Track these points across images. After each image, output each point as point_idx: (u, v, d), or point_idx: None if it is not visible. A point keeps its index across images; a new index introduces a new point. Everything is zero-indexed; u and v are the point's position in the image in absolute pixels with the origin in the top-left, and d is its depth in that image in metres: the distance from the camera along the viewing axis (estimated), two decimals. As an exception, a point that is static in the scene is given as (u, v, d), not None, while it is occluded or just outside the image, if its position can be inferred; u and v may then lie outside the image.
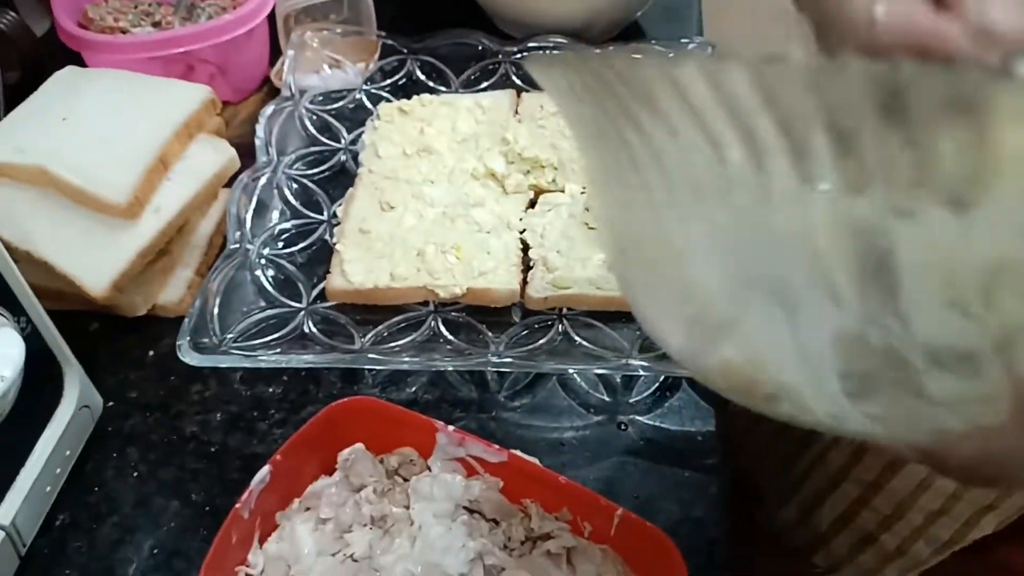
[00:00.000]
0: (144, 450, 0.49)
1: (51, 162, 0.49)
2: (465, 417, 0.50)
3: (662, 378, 0.52)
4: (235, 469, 0.48)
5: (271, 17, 0.69)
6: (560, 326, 0.53)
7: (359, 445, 0.43)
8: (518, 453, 0.42)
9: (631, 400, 0.52)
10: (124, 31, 0.69)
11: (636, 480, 0.48)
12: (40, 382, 0.42)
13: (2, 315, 0.39)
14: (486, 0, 0.76)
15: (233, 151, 0.56)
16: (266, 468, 0.41)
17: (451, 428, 0.42)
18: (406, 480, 0.43)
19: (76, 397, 0.44)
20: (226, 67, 0.66)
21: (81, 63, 0.64)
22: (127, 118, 0.53)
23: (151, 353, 0.53)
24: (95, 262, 0.49)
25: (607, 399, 0.52)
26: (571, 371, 0.51)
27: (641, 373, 0.50)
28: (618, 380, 0.53)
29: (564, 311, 0.54)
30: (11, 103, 0.61)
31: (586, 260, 0.55)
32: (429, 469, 0.43)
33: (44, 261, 0.48)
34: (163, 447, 0.49)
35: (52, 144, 0.51)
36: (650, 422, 0.51)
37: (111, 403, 0.50)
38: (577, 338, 0.52)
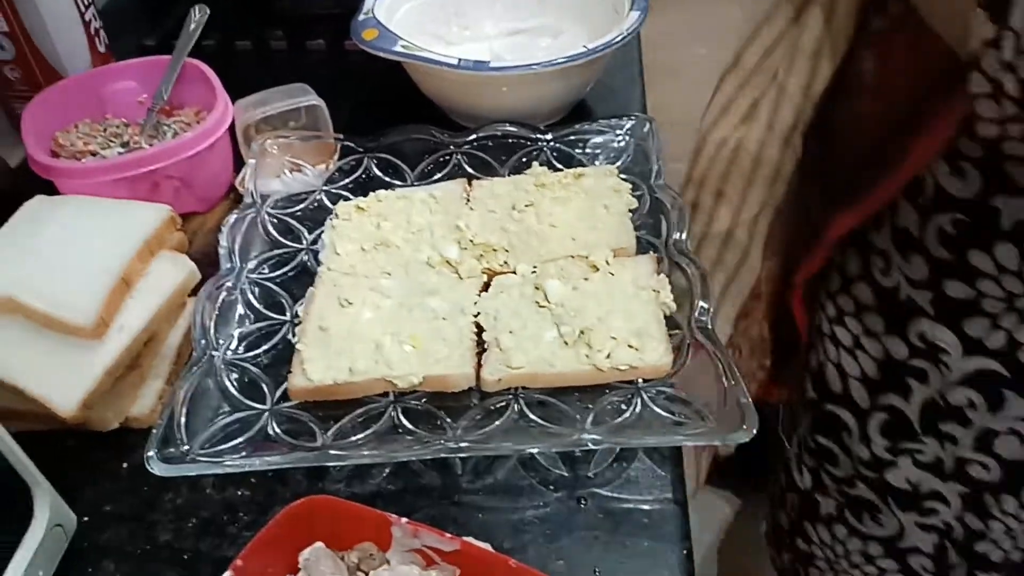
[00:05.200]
0: (120, 562, 0.50)
1: (19, 291, 0.52)
2: (428, 505, 0.52)
3: (619, 449, 0.54)
4: (208, 575, 0.49)
5: (232, 128, 0.73)
6: (516, 406, 0.54)
7: (319, 544, 0.45)
8: (470, 540, 0.44)
9: (589, 474, 0.53)
10: (94, 154, 0.73)
11: (597, 554, 0.49)
12: (9, 505, 0.44)
13: (-34, 448, 0.41)
14: (437, 96, 0.80)
15: (193, 265, 0.59)
16: (228, 573, 0.42)
17: (405, 521, 0.44)
18: (367, 574, 0.45)
19: (47, 517, 0.46)
20: (191, 181, 0.70)
21: (55, 188, 0.67)
22: (91, 242, 0.56)
23: (125, 465, 0.55)
24: (63, 384, 0.51)
25: (566, 474, 0.53)
26: (526, 451, 0.52)
27: (592, 447, 0.51)
28: (577, 453, 0.54)
29: (519, 390, 0.55)
30: (-11, 232, 0.65)
31: (537, 338, 0.57)
32: (388, 563, 0.45)
33: (16, 387, 0.51)
34: (138, 558, 0.50)
35: (20, 273, 0.53)
36: (609, 493, 0.52)
37: (86, 518, 0.52)
38: (532, 416, 0.54)
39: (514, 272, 0.63)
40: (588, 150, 0.73)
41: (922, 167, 0.54)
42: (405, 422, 0.54)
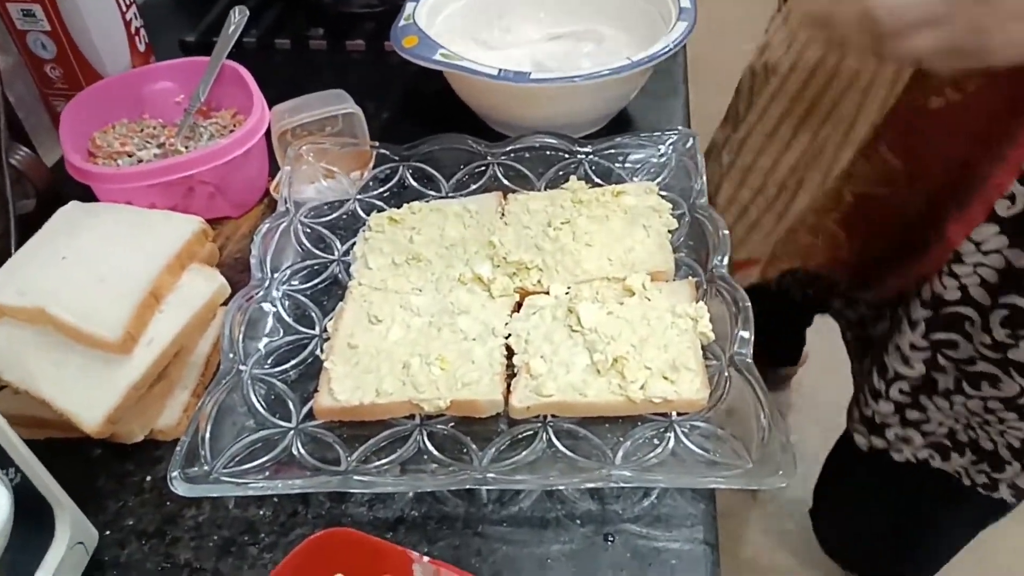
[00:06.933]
0: (139, 580, 0.50)
1: (49, 303, 0.52)
2: (451, 534, 0.50)
3: (649, 484, 0.52)
4: (226, 597, 0.49)
5: (267, 133, 0.72)
6: (544, 435, 0.53)
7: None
8: (492, 582, 0.42)
9: (619, 509, 0.51)
10: (131, 155, 0.73)
11: (623, 596, 0.47)
12: (32, 525, 0.44)
13: (-11, 470, 0.40)
14: (476, 104, 0.78)
15: (223, 280, 0.58)
16: (246, 605, 0.42)
17: (426, 559, 0.43)
18: (386, 609, 0.44)
19: (68, 536, 0.46)
20: (225, 186, 0.69)
21: (90, 189, 0.67)
22: (122, 254, 0.55)
23: (148, 478, 0.55)
24: (90, 398, 0.51)
25: (594, 508, 0.51)
26: (553, 486, 0.51)
27: (622, 485, 0.50)
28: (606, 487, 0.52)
29: (548, 418, 0.54)
30: (26, 231, 0.65)
31: (569, 364, 0.55)
32: (407, 598, 0.44)
33: (42, 398, 0.51)
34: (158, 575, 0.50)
35: (51, 284, 0.53)
36: (638, 530, 0.50)
37: (108, 532, 0.52)
38: (561, 447, 0.52)
39: (547, 292, 0.61)
40: (628, 164, 0.71)
41: None
42: (431, 447, 0.53)
